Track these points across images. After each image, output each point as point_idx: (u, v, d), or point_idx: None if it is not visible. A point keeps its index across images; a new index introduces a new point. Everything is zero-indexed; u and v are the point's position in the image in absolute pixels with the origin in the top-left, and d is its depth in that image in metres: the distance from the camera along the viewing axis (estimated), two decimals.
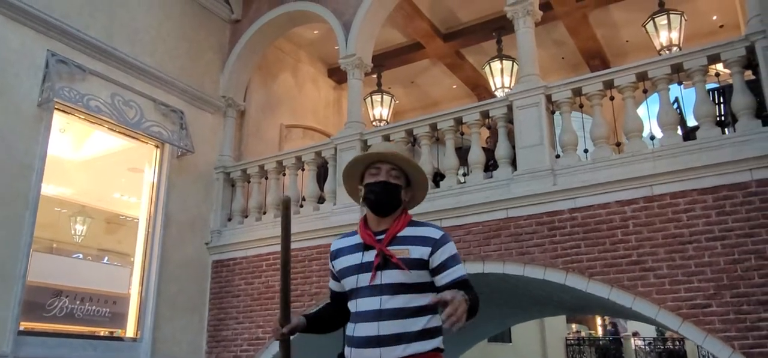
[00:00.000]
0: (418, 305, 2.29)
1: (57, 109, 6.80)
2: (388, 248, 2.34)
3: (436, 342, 2.31)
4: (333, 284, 2.57)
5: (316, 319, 2.56)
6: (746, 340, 5.07)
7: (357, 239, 2.46)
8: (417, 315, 2.29)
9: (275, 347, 7.57)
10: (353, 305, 2.38)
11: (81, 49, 7.12)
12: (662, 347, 20.30)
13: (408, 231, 2.40)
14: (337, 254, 2.51)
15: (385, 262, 2.31)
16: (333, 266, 2.52)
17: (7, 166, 6.26)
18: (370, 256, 2.36)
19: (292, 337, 2.47)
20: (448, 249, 2.37)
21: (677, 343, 19.29)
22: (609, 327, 23.26)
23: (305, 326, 2.49)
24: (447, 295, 2.04)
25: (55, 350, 6.46)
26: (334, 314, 2.57)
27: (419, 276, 2.32)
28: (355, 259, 2.41)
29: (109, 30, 7.49)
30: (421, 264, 2.32)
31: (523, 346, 17.85)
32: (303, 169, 8.23)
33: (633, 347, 21.08)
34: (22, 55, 6.54)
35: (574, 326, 23.44)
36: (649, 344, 20.80)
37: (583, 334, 22.65)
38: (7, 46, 6.39)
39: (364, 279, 2.34)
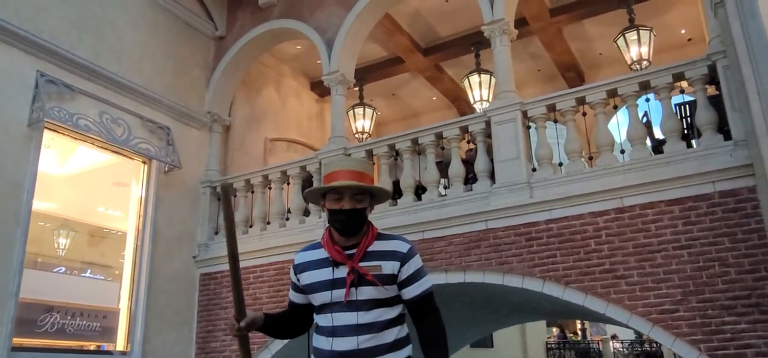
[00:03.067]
0: (389, 318, 2.42)
1: (46, 128, 6.93)
2: (361, 264, 2.40)
3: (407, 351, 2.44)
4: (295, 296, 2.59)
5: (276, 320, 2.58)
6: (711, 343, 5.38)
7: (323, 254, 2.48)
8: (389, 327, 2.41)
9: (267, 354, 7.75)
10: (328, 320, 2.41)
11: (69, 69, 7.26)
12: (640, 349, 20.78)
13: (377, 245, 2.45)
14: (303, 268, 2.52)
15: (359, 279, 2.38)
16: (297, 279, 2.54)
17: None
18: (342, 272, 2.40)
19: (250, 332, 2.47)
20: (415, 262, 2.46)
21: (654, 345, 19.77)
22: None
23: (262, 324, 2.49)
24: None
25: None
26: (292, 323, 2.62)
27: (390, 291, 2.42)
28: (325, 274, 2.44)
29: (97, 49, 7.64)
30: (391, 279, 2.41)
31: (504, 350, 18.15)
32: (288, 183, 8.43)
33: (612, 349, 21.54)
34: (12, 77, 6.67)
35: (554, 329, 23.83)
36: (628, 346, 21.28)
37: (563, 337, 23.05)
38: None
39: (339, 295, 2.39)
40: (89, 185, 8.41)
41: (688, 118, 6.76)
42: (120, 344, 7.57)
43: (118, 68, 7.86)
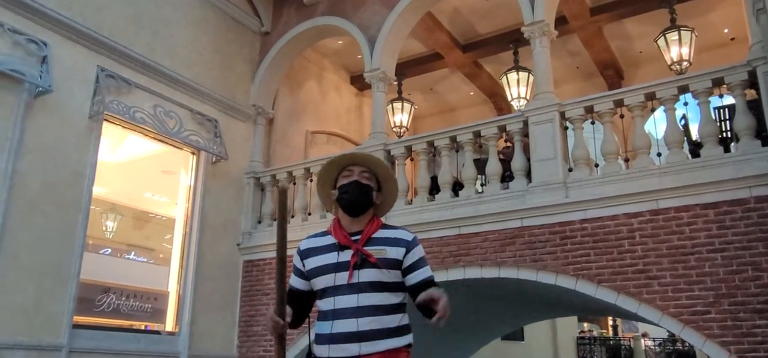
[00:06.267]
0: (393, 303, 2.45)
1: (105, 120, 7.37)
2: (365, 248, 2.45)
3: (408, 339, 2.47)
4: (296, 282, 2.60)
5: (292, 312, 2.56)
6: (742, 345, 5.49)
7: (330, 240, 2.53)
8: (392, 312, 2.44)
9: (303, 342, 8.08)
10: (330, 303, 2.44)
11: (126, 64, 7.68)
12: (672, 347, 20.60)
13: (381, 233, 2.52)
14: (307, 254, 2.55)
15: (362, 261, 2.42)
16: (303, 265, 2.56)
17: (63, 174, 6.85)
18: (347, 255, 2.44)
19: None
20: (419, 251, 2.53)
21: (686, 344, 19.58)
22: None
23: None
24: (434, 292, 2.27)
25: (103, 342, 7.04)
26: (298, 311, 2.58)
27: (393, 275, 2.45)
28: (330, 258, 2.48)
29: (152, 45, 8.06)
30: (395, 264, 2.46)
31: (535, 344, 18.22)
32: None
33: (643, 347, 21.41)
34: (75, 72, 7.11)
35: (585, 324, 23.76)
36: (659, 344, 21.12)
37: (594, 333, 22.98)
38: (62, 65, 6.96)
39: (342, 278, 2.42)
40: (138, 172, 8.84)
41: (727, 122, 6.80)
42: (169, 325, 8.01)
43: (170, 63, 8.26)
